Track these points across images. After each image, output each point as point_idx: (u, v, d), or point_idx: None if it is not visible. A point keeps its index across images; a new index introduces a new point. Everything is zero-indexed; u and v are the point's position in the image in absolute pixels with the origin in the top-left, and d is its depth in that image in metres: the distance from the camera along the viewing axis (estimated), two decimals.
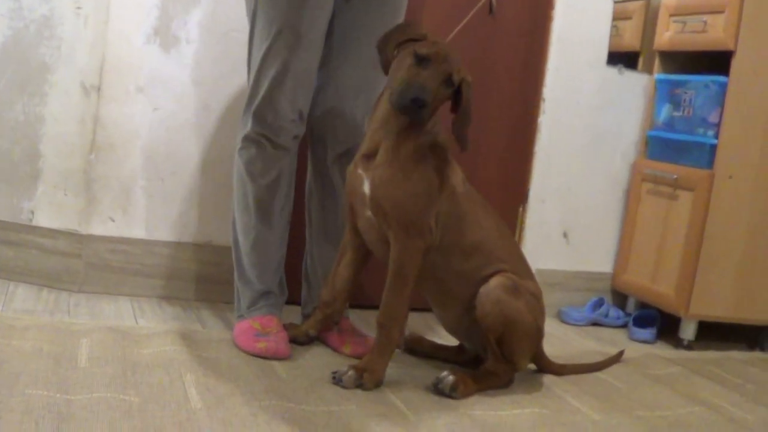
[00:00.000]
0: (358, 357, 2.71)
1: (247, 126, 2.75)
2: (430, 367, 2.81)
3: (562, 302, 3.87)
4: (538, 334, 2.74)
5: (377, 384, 2.51)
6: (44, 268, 3.16)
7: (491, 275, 2.62)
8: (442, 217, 2.56)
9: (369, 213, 2.57)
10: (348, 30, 2.75)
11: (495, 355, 2.64)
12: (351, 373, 2.48)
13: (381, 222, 2.54)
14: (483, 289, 2.61)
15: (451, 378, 2.54)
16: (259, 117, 2.72)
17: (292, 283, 3.01)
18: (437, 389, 2.54)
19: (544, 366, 2.94)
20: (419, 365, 2.83)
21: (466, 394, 2.56)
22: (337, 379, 2.48)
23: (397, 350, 2.87)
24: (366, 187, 2.55)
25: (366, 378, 2.48)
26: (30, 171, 3.17)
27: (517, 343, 2.64)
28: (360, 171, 2.59)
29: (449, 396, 2.52)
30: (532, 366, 2.92)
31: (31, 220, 3.17)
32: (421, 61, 2.43)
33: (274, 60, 2.67)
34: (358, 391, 2.45)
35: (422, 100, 2.36)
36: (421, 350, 2.95)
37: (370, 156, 2.57)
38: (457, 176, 2.63)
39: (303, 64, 2.70)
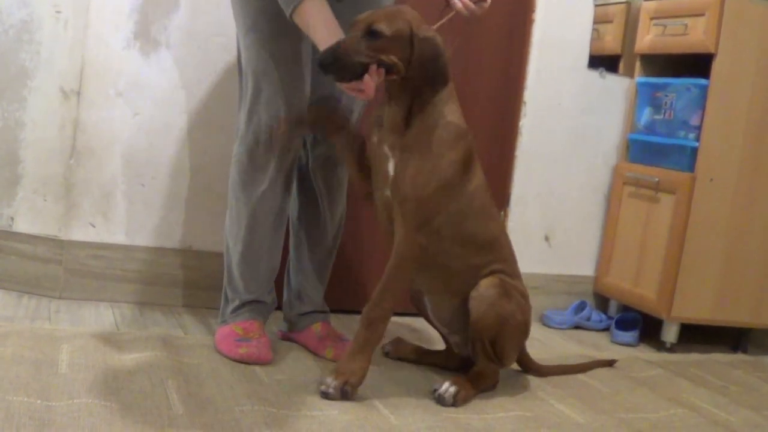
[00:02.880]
0: None
1: (241, 128, 2.73)
2: (413, 371, 2.81)
3: (544, 306, 3.88)
4: (527, 332, 2.76)
5: (359, 385, 2.46)
6: (24, 275, 3.14)
7: (484, 276, 2.62)
8: (462, 209, 2.53)
9: (388, 192, 2.52)
10: None
11: (487, 355, 2.63)
12: (335, 383, 2.41)
13: (396, 206, 2.49)
14: (475, 293, 2.60)
15: (452, 388, 2.54)
16: (250, 114, 2.69)
17: (278, 290, 3.00)
18: (440, 400, 2.52)
19: (529, 366, 2.96)
20: (402, 368, 2.83)
21: (466, 401, 2.56)
22: (323, 393, 2.42)
23: (378, 354, 2.89)
24: (390, 167, 2.49)
25: (350, 384, 2.42)
26: (9, 176, 3.15)
27: (509, 342, 2.65)
28: (386, 149, 2.51)
29: (452, 405, 2.51)
30: (515, 366, 2.94)
31: (10, 226, 3.15)
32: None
33: (258, 51, 2.62)
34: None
35: (325, 61, 2.31)
36: (408, 356, 2.93)
37: (394, 130, 2.49)
38: (479, 167, 2.60)
39: (287, 51, 2.64)
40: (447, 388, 2.55)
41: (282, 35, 2.63)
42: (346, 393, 2.42)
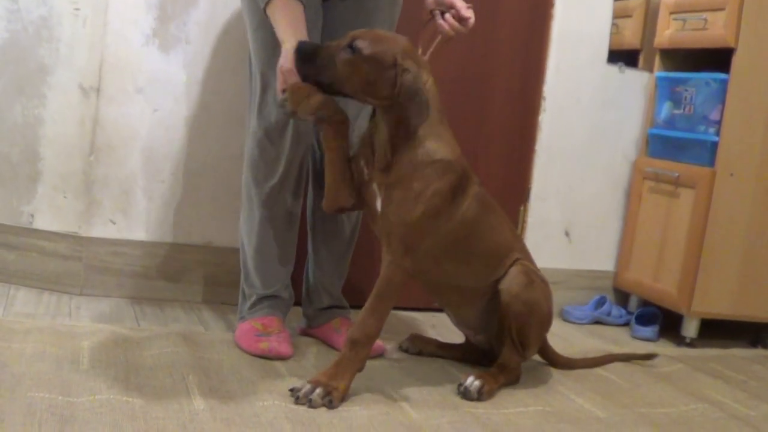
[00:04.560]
0: None
1: (252, 124, 2.73)
2: (433, 366, 2.81)
3: (564, 301, 3.86)
4: (550, 322, 2.79)
5: (342, 401, 2.36)
6: (45, 271, 3.15)
7: (509, 267, 2.65)
8: (454, 231, 2.51)
9: (378, 227, 2.52)
10: (338, 28, 2.70)
11: (514, 345, 2.66)
12: (319, 390, 2.32)
13: (384, 236, 2.48)
14: (504, 283, 2.63)
15: (477, 382, 2.55)
16: (259, 110, 2.69)
17: (297, 285, 3.00)
18: (465, 394, 2.52)
19: (550, 358, 2.99)
20: (422, 364, 2.83)
21: (491, 394, 2.57)
22: (304, 400, 2.31)
23: (397, 349, 2.91)
24: (378, 205, 2.48)
25: (335, 396, 2.32)
26: (29, 173, 3.16)
27: (536, 330, 2.69)
28: (374, 187, 2.50)
29: (477, 399, 2.52)
30: (538, 359, 2.96)
31: (31, 223, 3.17)
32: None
33: (265, 48, 2.62)
34: (362, 391, 2.44)
35: (305, 49, 2.36)
36: (427, 351, 2.93)
37: (381, 168, 2.46)
38: (470, 197, 2.55)
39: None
40: (472, 381, 2.55)
41: None
42: (329, 403, 2.30)
